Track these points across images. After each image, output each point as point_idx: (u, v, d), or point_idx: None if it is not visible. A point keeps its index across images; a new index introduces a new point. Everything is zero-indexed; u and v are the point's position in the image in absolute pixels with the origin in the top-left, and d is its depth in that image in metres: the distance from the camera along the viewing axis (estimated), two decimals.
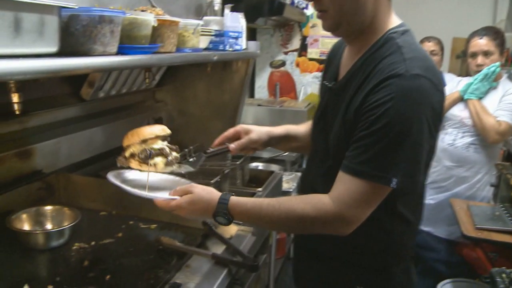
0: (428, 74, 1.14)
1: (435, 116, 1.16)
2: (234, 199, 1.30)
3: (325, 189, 1.22)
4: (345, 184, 1.17)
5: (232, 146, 1.55)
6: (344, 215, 1.17)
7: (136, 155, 1.43)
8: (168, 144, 1.53)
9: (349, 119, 1.21)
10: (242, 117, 2.71)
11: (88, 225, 1.64)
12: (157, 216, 1.69)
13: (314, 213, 1.19)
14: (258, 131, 1.59)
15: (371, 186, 1.14)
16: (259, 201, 1.29)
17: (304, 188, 1.46)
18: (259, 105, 3.79)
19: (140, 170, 1.44)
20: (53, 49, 1.06)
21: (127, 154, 1.46)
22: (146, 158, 1.41)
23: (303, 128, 1.65)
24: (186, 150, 2.17)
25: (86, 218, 1.65)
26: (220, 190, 1.93)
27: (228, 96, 2.47)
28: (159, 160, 1.44)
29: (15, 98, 1.10)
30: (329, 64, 1.45)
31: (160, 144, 1.48)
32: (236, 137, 1.59)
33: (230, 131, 1.60)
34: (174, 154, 1.51)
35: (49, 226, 1.57)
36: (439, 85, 1.17)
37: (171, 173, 1.57)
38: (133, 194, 1.36)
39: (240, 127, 1.61)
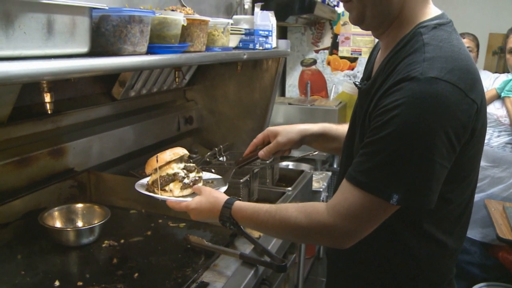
0: (452, 78, 0.98)
1: (459, 127, 1.00)
2: (237, 204, 1.29)
3: None
4: (344, 194, 1.08)
5: (261, 152, 1.51)
6: (338, 227, 1.08)
7: (156, 182, 1.47)
8: (188, 164, 1.55)
9: (366, 123, 1.11)
10: (272, 115, 2.70)
11: (118, 223, 1.66)
12: (186, 215, 1.69)
13: (307, 223, 1.12)
14: (287, 132, 1.50)
15: (369, 199, 1.03)
16: (258, 208, 1.25)
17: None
18: (289, 103, 3.77)
19: (158, 195, 1.47)
20: (84, 49, 1.07)
21: (150, 181, 1.51)
22: (161, 186, 1.46)
23: (343, 128, 1.49)
24: (216, 149, 2.18)
25: (116, 216, 1.67)
26: (249, 190, 1.94)
27: (258, 95, 2.46)
28: (172, 185, 1.46)
29: (47, 98, 1.11)
30: (367, 64, 1.36)
31: (175, 168, 1.50)
32: (266, 141, 1.54)
33: (259, 137, 1.55)
34: (193, 175, 1.51)
35: (80, 223, 1.59)
36: (470, 91, 1.00)
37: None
38: (149, 196, 1.46)
39: (267, 130, 1.54)
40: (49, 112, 1.15)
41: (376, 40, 1.30)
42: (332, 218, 1.08)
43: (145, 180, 1.56)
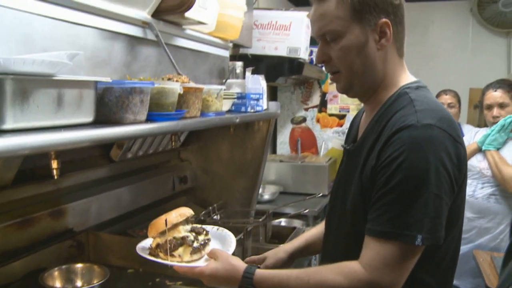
0: (443, 125, 1.11)
1: (456, 169, 1.11)
2: (259, 273, 1.25)
3: (347, 254, 1.19)
4: (373, 249, 1.12)
5: None
6: (378, 281, 1.11)
7: (161, 246, 1.40)
8: (195, 226, 1.49)
9: (366, 179, 1.19)
10: (265, 173, 2.77)
11: (116, 282, 1.70)
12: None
13: (347, 283, 1.13)
14: (273, 255, 1.57)
15: (399, 246, 1.09)
16: (286, 275, 1.23)
17: (324, 254, 1.43)
18: (281, 161, 3.85)
19: (167, 262, 1.39)
20: (89, 119, 1.17)
21: (153, 245, 1.43)
22: (166, 252, 1.38)
23: (320, 229, 1.59)
24: (210, 208, 2.25)
25: (114, 275, 1.71)
26: (243, 247, 2.00)
27: (250, 155, 2.55)
28: (182, 249, 1.38)
29: (54, 164, 1.20)
30: (350, 128, 1.48)
31: (182, 231, 1.42)
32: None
33: (249, 259, 1.60)
34: (202, 237, 1.45)
35: (79, 283, 1.63)
36: (457, 137, 1.14)
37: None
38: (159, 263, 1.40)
39: (255, 258, 1.59)
40: (55, 177, 1.24)
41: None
42: (371, 274, 1.11)
43: (146, 243, 1.50)
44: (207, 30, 2.07)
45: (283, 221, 3.11)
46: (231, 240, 1.52)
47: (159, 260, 1.39)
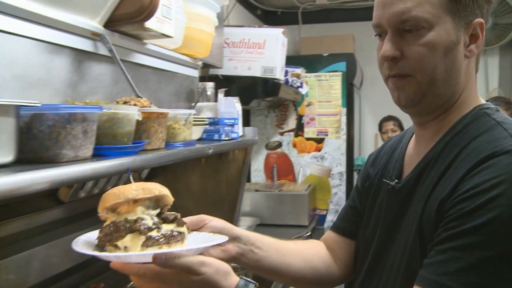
0: None
1: None
2: None
3: None
4: None
5: None
6: None
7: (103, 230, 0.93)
8: (169, 213, 0.99)
9: (428, 222, 0.90)
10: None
11: None
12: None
13: None
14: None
15: None
16: None
17: None
18: (256, 190, 3.57)
19: (104, 254, 0.89)
20: (8, 158, 0.84)
21: (101, 233, 0.95)
22: (108, 238, 0.90)
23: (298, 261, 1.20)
24: None
25: None
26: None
27: (225, 188, 2.25)
28: (129, 239, 0.88)
29: None
30: (386, 159, 1.16)
31: (139, 213, 0.92)
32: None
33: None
34: (169, 227, 0.94)
35: None
36: None
37: None
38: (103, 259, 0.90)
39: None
40: None
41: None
42: None
43: (94, 234, 0.98)
44: (173, 45, 1.78)
45: None
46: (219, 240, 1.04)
47: (93, 253, 0.90)
